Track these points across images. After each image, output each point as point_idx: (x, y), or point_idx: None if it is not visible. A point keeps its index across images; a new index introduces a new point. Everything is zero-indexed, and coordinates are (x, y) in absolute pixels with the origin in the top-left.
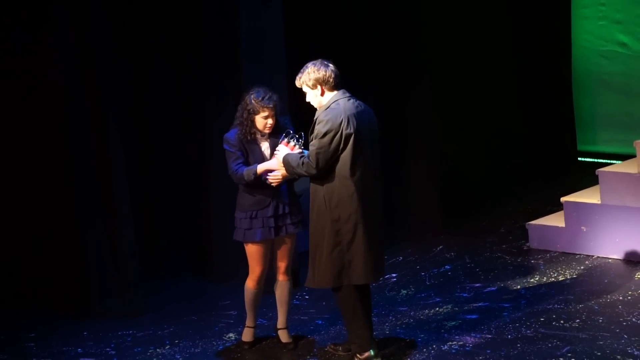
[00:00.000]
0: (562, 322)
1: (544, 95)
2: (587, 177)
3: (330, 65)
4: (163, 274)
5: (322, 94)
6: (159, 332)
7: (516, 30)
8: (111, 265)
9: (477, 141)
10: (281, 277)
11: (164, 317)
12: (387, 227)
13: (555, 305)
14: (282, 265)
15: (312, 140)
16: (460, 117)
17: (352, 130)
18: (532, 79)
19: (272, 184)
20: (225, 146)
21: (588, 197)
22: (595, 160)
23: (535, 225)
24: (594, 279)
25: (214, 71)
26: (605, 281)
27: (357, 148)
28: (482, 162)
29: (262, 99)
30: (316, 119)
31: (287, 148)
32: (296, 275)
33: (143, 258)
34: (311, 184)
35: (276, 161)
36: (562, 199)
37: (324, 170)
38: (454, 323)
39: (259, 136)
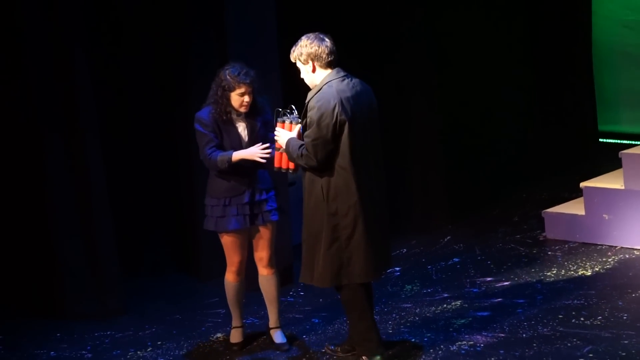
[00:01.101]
0: (582, 319)
1: (561, 71)
2: (609, 160)
3: (326, 40)
4: (144, 271)
5: (314, 70)
6: (140, 333)
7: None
8: (86, 261)
9: (488, 122)
10: (265, 271)
11: (146, 316)
12: (390, 217)
13: (575, 301)
14: (263, 257)
15: (306, 129)
16: (470, 95)
17: (346, 117)
18: (548, 52)
19: (260, 160)
20: (196, 126)
21: (610, 181)
22: (618, 141)
23: (552, 213)
24: (618, 272)
25: (199, 68)
26: (630, 274)
27: (353, 135)
28: (493, 144)
29: (239, 74)
30: (308, 102)
31: (284, 130)
32: (289, 269)
33: (122, 254)
34: (307, 173)
35: (279, 141)
36: (582, 185)
37: (325, 161)
38: (463, 321)
39: (234, 116)
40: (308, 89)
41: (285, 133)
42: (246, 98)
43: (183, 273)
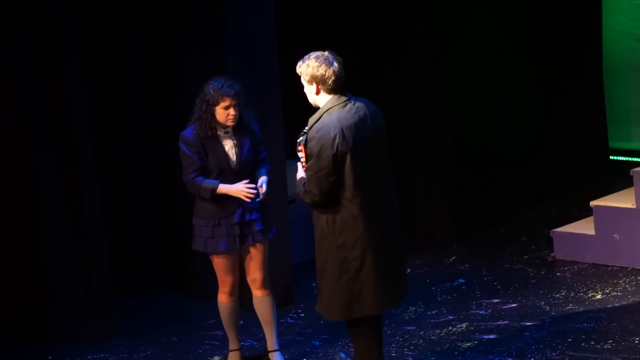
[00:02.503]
0: (592, 343)
1: (571, 85)
2: (620, 178)
3: (335, 63)
4: (139, 291)
5: (318, 93)
6: (135, 356)
7: (539, 11)
8: (79, 281)
9: (494, 138)
10: (259, 293)
11: (140, 338)
12: None
13: (585, 324)
14: (255, 278)
15: (307, 162)
16: (477, 112)
17: (347, 147)
18: (557, 66)
19: (245, 199)
20: (181, 145)
21: (621, 200)
22: (629, 159)
23: (561, 233)
24: (629, 294)
25: (196, 80)
26: None
27: (357, 165)
28: (500, 162)
29: (222, 86)
30: (308, 130)
31: (301, 170)
32: (289, 289)
33: (117, 273)
34: (312, 208)
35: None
36: (592, 203)
37: (328, 194)
38: (469, 344)
39: (220, 133)
40: (308, 104)
41: (301, 172)
42: (232, 111)
43: (179, 293)
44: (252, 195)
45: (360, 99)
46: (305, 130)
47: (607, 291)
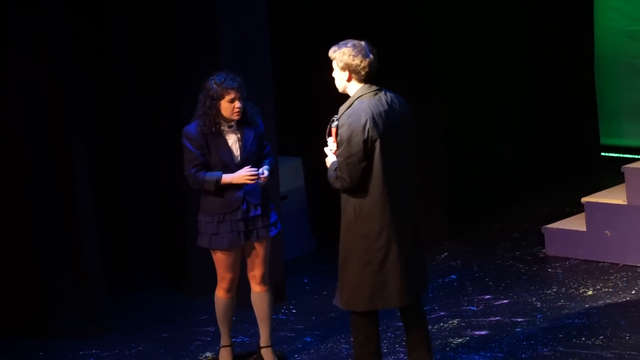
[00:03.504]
0: (583, 339)
1: (562, 82)
2: (612, 175)
3: (371, 55)
4: (131, 287)
5: (349, 80)
6: (127, 352)
7: (531, 9)
8: (71, 277)
9: (486, 135)
10: (258, 288)
11: (132, 334)
12: None
13: (576, 320)
14: (256, 274)
15: (338, 147)
16: (468, 109)
17: (377, 133)
18: (548, 63)
19: (249, 182)
20: (184, 141)
21: (612, 197)
22: (621, 155)
23: (552, 229)
24: (620, 290)
25: (190, 81)
26: (633, 293)
27: (386, 152)
28: (492, 158)
29: (225, 80)
30: (339, 117)
31: (332, 154)
32: (282, 286)
33: (109, 269)
34: (342, 193)
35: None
36: (583, 200)
37: (358, 180)
38: (460, 340)
39: (224, 128)
40: (302, 103)
41: (332, 156)
42: (237, 104)
43: (171, 289)
44: (255, 177)
45: (389, 91)
46: (335, 117)
47: (598, 287)
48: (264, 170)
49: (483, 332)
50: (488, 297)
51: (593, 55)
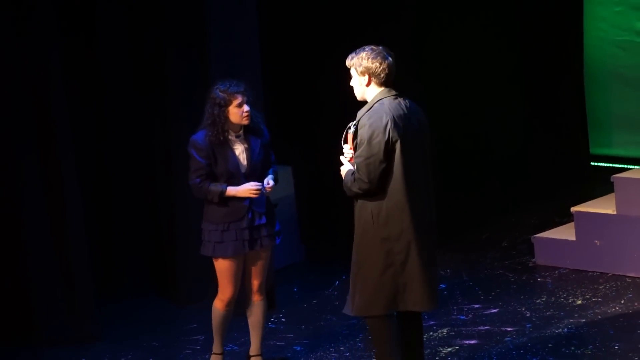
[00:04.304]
0: (572, 348)
1: (552, 92)
2: (601, 184)
3: (390, 58)
4: (120, 295)
5: (368, 84)
6: None
7: (521, 18)
8: (60, 285)
9: (475, 144)
10: (255, 297)
11: (121, 343)
12: None
13: (565, 330)
14: (256, 282)
15: (357, 149)
16: (458, 117)
17: (398, 134)
18: (538, 73)
19: (252, 196)
20: (191, 150)
21: (602, 206)
22: (610, 165)
23: (542, 238)
24: (609, 300)
25: (180, 89)
26: (622, 302)
27: (406, 154)
28: (482, 167)
29: (230, 86)
30: (357, 122)
31: (348, 163)
32: (271, 294)
33: (98, 277)
34: (358, 198)
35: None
36: (573, 209)
37: (377, 182)
38: (449, 349)
39: (232, 137)
40: (291, 110)
41: (347, 165)
42: (245, 107)
43: (161, 297)
44: (259, 191)
45: (407, 98)
46: (352, 123)
47: (588, 297)
48: (269, 180)
49: (472, 341)
50: (477, 306)
51: (583, 65)
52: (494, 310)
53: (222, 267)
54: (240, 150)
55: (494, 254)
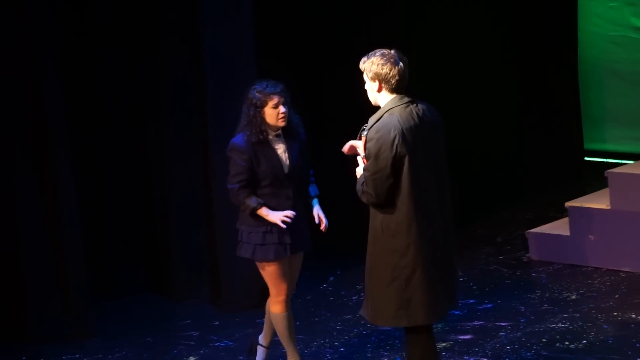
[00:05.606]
0: (567, 343)
1: (547, 87)
2: (595, 180)
3: (401, 63)
4: (114, 292)
5: (379, 90)
6: (109, 356)
7: (515, 14)
8: (55, 281)
9: (469, 139)
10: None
11: (116, 339)
12: (365, 235)
13: (559, 325)
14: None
15: (365, 162)
16: (452, 113)
17: (406, 149)
18: (533, 68)
19: (281, 225)
20: (230, 153)
21: (596, 201)
22: (604, 160)
23: (536, 233)
24: (603, 295)
25: (173, 84)
26: (616, 297)
27: (415, 169)
28: (476, 163)
29: (266, 87)
30: (368, 129)
31: (362, 164)
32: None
33: (92, 274)
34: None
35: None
36: (567, 204)
37: (385, 197)
38: (444, 345)
39: (271, 137)
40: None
41: (362, 167)
42: (281, 109)
43: (155, 294)
44: (289, 220)
45: (422, 102)
46: (365, 126)
47: (582, 292)
48: (322, 218)
49: (467, 337)
50: (472, 301)
51: (577, 61)
52: (489, 306)
53: (270, 270)
54: (282, 150)
55: (488, 249)
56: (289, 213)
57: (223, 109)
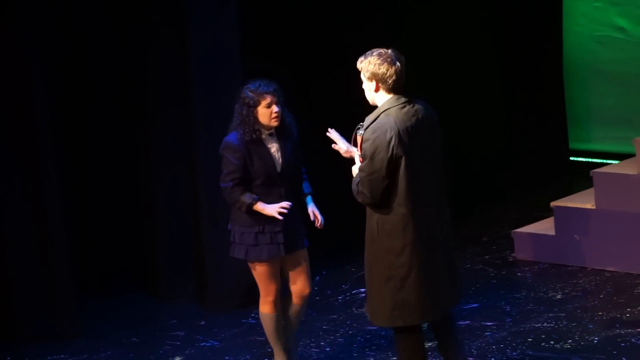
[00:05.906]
0: (552, 342)
1: (531, 87)
2: (580, 179)
3: (398, 62)
4: (101, 292)
5: (377, 90)
6: (95, 356)
7: (500, 13)
8: (40, 281)
9: (455, 140)
10: (296, 300)
11: (101, 339)
12: (352, 235)
13: (545, 324)
14: (300, 287)
15: (361, 161)
16: (436, 111)
17: (402, 150)
18: (517, 68)
19: (278, 217)
20: (223, 152)
21: (581, 201)
22: (589, 160)
23: (521, 233)
24: (588, 294)
25: (159, 85)
26: (601, 296)
27: (411, 169)
28: (461, 163)
29: (259, 86)
30: (365, 127)
31: (358, 162)
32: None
33: (78, 273)
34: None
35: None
36: (552, 204)
37: (380, 197)
38: (430, 344)
39: (264, 136)
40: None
41: (357, 165)
42: (274, 108)
43: (141, 294)
44: (286, 212)
45: (419, 101)
46: (361, 124)
47: (567, 291)
48: (317, 214)
49: None
50: None
51: (562, 61)
52: (474, 305)
53: (260, 270)
54: (275, 149)
55: (473, 248)
56: (285, 204)
57: (210, 109)
